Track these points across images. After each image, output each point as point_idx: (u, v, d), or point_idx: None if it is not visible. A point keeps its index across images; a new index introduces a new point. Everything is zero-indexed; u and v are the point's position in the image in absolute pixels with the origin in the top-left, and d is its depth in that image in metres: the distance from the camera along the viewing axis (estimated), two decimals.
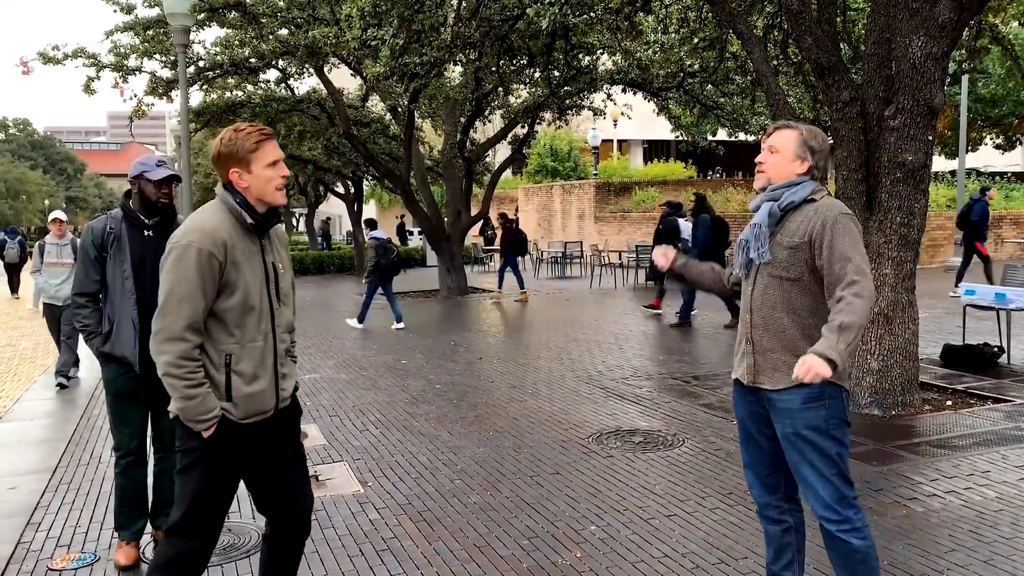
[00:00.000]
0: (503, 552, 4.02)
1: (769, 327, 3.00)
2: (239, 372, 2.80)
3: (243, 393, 2.80)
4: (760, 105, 14.06)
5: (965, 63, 9.93)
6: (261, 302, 2.84)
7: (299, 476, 3.08)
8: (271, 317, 2.89)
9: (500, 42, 12.51)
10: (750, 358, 3.05)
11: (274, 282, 2.92)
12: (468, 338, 10.97)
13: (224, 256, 2.75)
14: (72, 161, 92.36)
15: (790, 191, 3.00)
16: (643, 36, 12.64)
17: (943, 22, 5.93)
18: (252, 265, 2.83)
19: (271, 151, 2.85)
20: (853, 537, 2.90)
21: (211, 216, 2.81)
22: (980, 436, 5.76)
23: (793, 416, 2.92)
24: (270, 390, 2.88)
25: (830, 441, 2.90)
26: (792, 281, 2.96)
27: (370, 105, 20.30)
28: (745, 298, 3.10)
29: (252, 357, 2.82)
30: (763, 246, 2.99)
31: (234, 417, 2.80)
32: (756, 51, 7.20)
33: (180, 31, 11.25)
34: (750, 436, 3.14)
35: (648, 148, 44.15)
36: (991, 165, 32.36)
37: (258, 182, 2.83)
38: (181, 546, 2.82)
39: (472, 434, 6.12)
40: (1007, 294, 8.11)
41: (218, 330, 2.78)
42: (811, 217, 2.94)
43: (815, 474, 2.91)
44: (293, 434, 3.06)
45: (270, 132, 2.89)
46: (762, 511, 3.20)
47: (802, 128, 3.08)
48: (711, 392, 7.32)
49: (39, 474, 5.49)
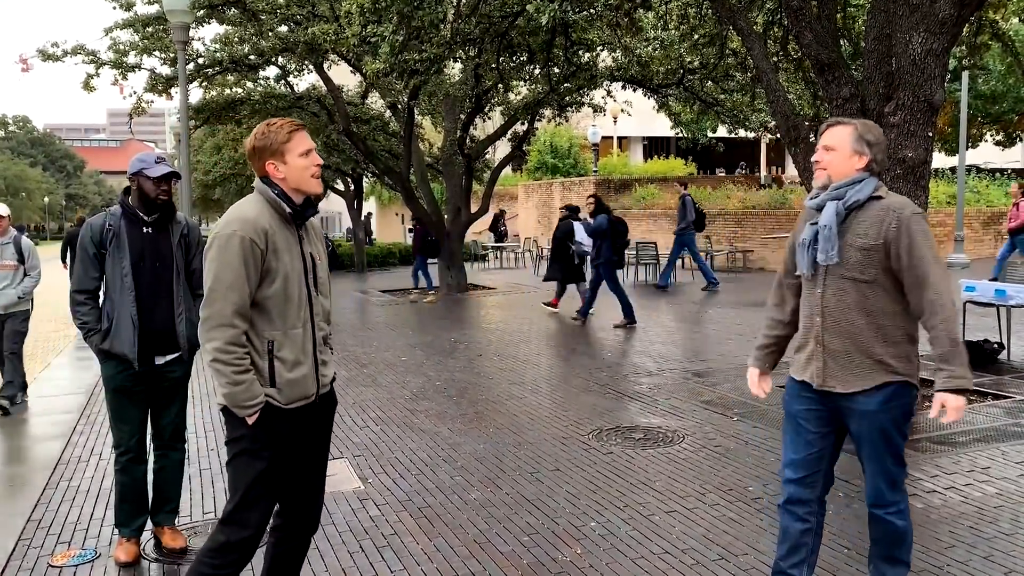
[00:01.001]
0: (503, 548, 4.02)
1: (843, 330, 2.97)
2: (281, 359, 2.86)
3: (286, 379, 2.86)
4: (760, 102, 14.03)
5: (965, 59, 9.91)
6: (300, 291, 2.91)
7: (322, 470, 3.14)
8: (309, 306, 2.95)
9: (500, 39, 12.50)
10: (819, 361, 3.03)
11: (312, 272, 2.98)
12: (468, 335, 10.97)
13: (265, 244, 2.81)
14: (72, 158, 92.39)
15: (854, 189, 2.97)
16: (643, 33, 12.62)
17: (943, 18, 5.92)
18: (291, 254, 2.90)
19: (303, 141, 2.92)
20: (898, 519, 3.04)
21: (251, 207, 2.88)
22: (980, 432, 5.76)
23: (871, 416, 2.97)
24: (311, 376, 2.95)
25: (900, 436, 3.02)
26: (867, 283, 2.93)
27: (370, 102, 20.27)
28: (812, 300, 3.06)
29: (294, 344, 2.88)
30: (832, 248, 2.95)
31: (279, 403, 2.86)
32: (756, 47, 7.19)
33: (179, 28, 11.25)
34: (800, 435, 3.12)
35: (648, 145, 44.17)
36: (991, 162, 32.32)
37: (294, 172, 2.90)
38: (232, 535, 2.86)
39: (472, 431, 6.13)
40: (1007, 290, 8.11)
41: (260, 318, 2.84)
42: (883, 217, 2.91)
43: (880, 466, 3.01)
44: (328, 424, 3.13)
45: (301, 124, 2.96)
46: (789, 507, 3.17)
47: (856, 123, 3.05)
48: (711, 389, 7.32)
49: (40, 471, 5.49)
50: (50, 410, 7.38)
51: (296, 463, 3.01)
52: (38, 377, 8.98)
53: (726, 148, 20.36)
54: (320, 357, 2.99)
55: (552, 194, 29.94)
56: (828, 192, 3.01)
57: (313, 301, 2.97)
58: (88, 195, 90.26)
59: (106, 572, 3.90)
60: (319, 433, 3.08)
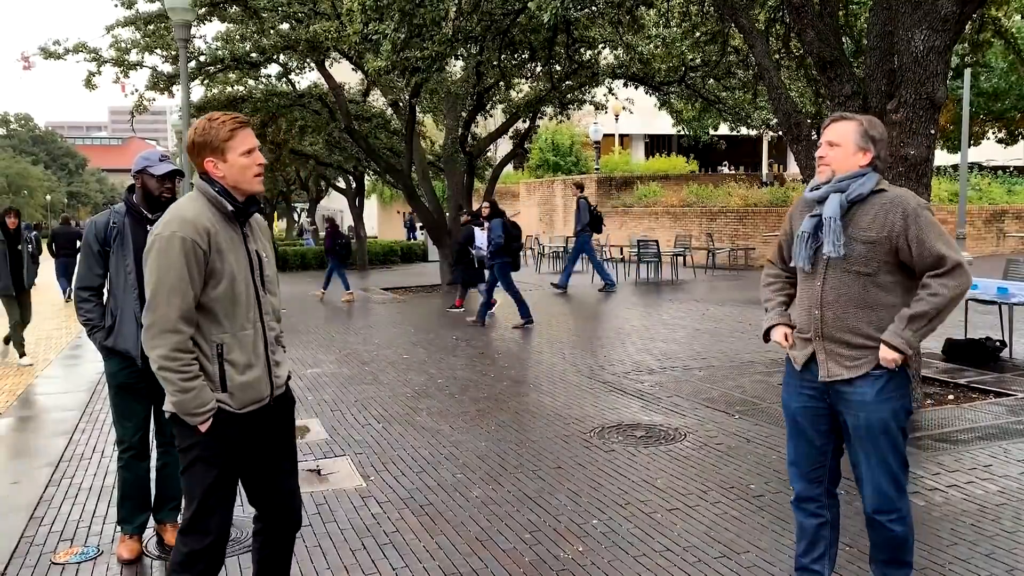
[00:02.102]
0: (505, 546, 4.02)
1: (843, 322, 2.95)
2: (232, 362, 2.78)
3: (238, 382, 2.78)
4: (762, 99, 14.03)
5: (968, 57, 9.90)
6: (248, 290, 2.83)
7: (291, 469, 3.07)
8: (258, 305, 2.87)
9: (501, 36, 12.50)
10: (821, 354, 3.00)
11: (259, 270, 2.90)
12: (470, 333, 10.97)
13: (208, 244, 2.72)
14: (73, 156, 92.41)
15: (857, 182, 2.95)
16: (645, 30, 12.62)
17: (945, 15, 5.91)
18: (236, 254, 2.82)
19: (246, 139, 2.81)
20: (899, 525, 2.98)
21: (191, 206, 2.78)
22: (982, 430, 5.76)
23: (867, 408, 2.93)
24: (264, 378, 2.87)
25: (898, 433, 2.96)
26: (868, 276, 2.91)
27: (371, 100, 20.27)
28: (811, 293, 3.03)
29: (244, 346, 2.80)
30: (839, 240, 2.91)
31: (232, 408, 2.78)
32: (758, 45, 7.19)
33: (181, 26, 11.24)
34: (801, 431, 3.12)
35: (650, 143, 44.14)
36: (993, 159, 32.29)
37: (234, 171, 2.81)
38: (195, 543, 2.81)
39: (474, 428, 6.13)
40: (1009, 288, 8.10)
41: (207, 321, 2.75)
42: (887, 210, 2.89)
43: (881, 467, 2.95)
44: (288, 424, 3.05)
45: (245, 120, 2.85)
46: (800, 504, 3.17)
47: (860, 119, 3.02)
48: (712, 386, 7.32)
49: (42, 469, 5.50)
50: (53, 407, 7.39)
51: (259, 466, 2.95)
52: (41, 374, 8.99)
53: (728, 146, 20.37)
54: (273, 357, 2.93)
55: (554, 192, 29.93)
56: (831, 185, 2.98)
57: (262, 300, 2.89)
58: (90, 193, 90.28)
59: (108, 569, 3.91)
60: (279, 434, 3.00)
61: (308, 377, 8.17)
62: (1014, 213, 22.39)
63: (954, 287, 2.82)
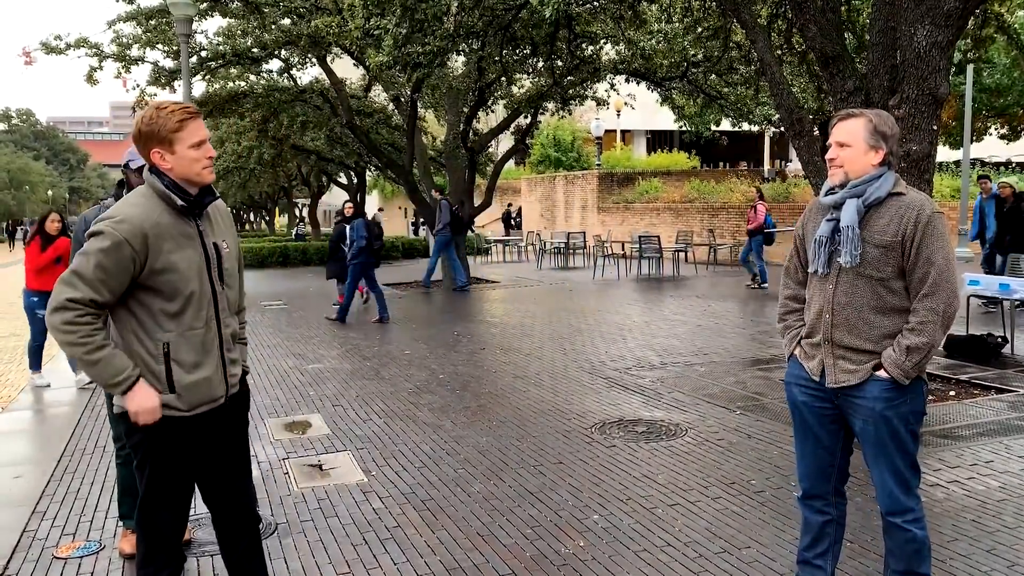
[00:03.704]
0: (506, 541, 4.03)
1: (854, 327, 2.90)
2: (179, 361, 2.67)
3: (185, 383, 2.67)
4: (764, 95, 14.00)
5: (970, 52, 9.89)
6: (202, 287, 2.71)
7: (245, 468, 2.99)
8: (214, 302, 2.76)
9: (503, 31, 12.47)
10: (829, 358, 2.95)
11: (216, 264, 2.77)
12: (471, 328, 10.97)
13: (143, 245, 2.58)
14: (75, 151, 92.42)
15: (873, 186, 2.86)
16: (646, 25, 12.60)
17: (948, 10, 5.90)
18: (187, 250, 2.68)
19: (197, 130, 2.68)
20: (915, 527, 2.91)
21: (137, 201, 2.67)
22: (983, 426, 5.76)
23: (875, 412, 2.87)
24: (216, 377, 2.76)
25: (909, 435, 2.90)
26: (881, 280, 2.85)
27: (373, 95, 20.27)
28: (823, 296, 2.96)
29: (192, 345, 2.69)
30: (856, 249, 2.84)
31: (181, 411, 2.68)
32: (760, 40, 7.17)
33: (182, 21, 11.24)
34: (809, 431, 3.07)
35: (651, 138, 44.10)
36: (995, 155, 32.25)
37: (183, 163, 2.67)
38: (151, 540, 2.77)
39: (475, 424, 6.13)
40: (1011, 284, 8.09)
41: (150, 319, 2.65)
42: (903, 214, 2.82)
43: (890, 468, 2.90)
44: (242, 422, 2.97)
45: (196, 111, 2.72)
46: (807, 501, 3.14)
47: (868, 115, 2.91)
48: (714, 382, 7.32)
49: (44, 463, 5.51)
50: (54, 402, 7.40)
51: (211, 466, 2.87)
52: (42, 370, 8.99)
53: (730, 142, 20.33)
54: (228, 355, 2.81)
55: (555, 188, 29.90)
56: (847, 190, 2.89)
57: (218, 296, 2.77)
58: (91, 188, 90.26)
59: (110, 564, 3.92)
60: (232, 433, 2.90)
61: (310, 372, 8.17)
62: None
63: (941, 311, 2.78)
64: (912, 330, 2.81)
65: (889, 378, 2.85)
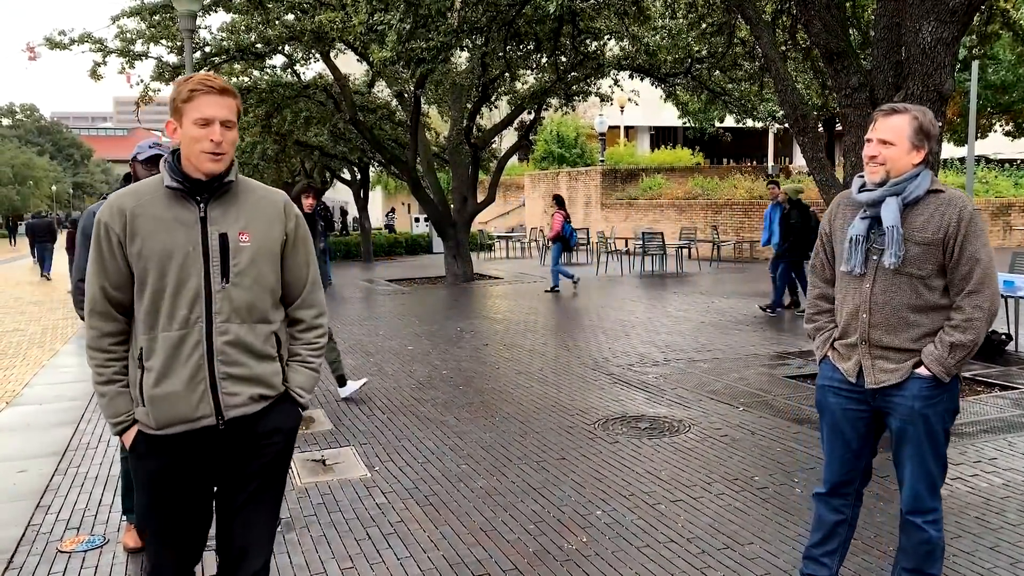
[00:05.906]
0: (509, 536, 4.03)
1: (893, 326, 2.85)
2: (148, 369, 2.30)
3: (148, 394, 2.30)
4: (768, 91, 13.99)
5: (975, 49, 9.85)
6: (183, 281, 2.29)
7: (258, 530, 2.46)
8: (207, 301, 2.31)
9: (507, 27, 12.46)
10: (867, 359, 2.90)
11: (218, 257, 2.33)
12: (474, 324, 10.98)
13: (123, 227, 2.29)
14: (79, 147, 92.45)
15: (913, 184, 2.81)
16: (651, 21, 12.58)
17: (953, 7, 5.88)
18: (173, 236, 2.30)
19: (204, 106, 2.29)
20: (932, 529, 2.90)
21: (139, 184, 2.43)
22: (987, 423, 5.75)
23: (914, 411, 2.85)
24: (191, 394, 2.30)
25: (942, 435, 2.89)
26: (921, 278, 2.81)
27: (376, 91, 20.24)
28: (859, 295, 2.90)
29: (164, 350, 2.29)
30: (901, 250, 2.78)
31: (150, 427, 2.33)
32: (765, 36, 7.16)
33: (186, 16, 11.23)
34: (840, 434, 3.03)
35: (655, 135, 44.09)
36: (1000, 152, 32.17)
37: (184, 141, 2.32)
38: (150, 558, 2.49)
39: (478, 419, 6.14)
40: (1015, 281, 8.08)
41: (139, 320, 2.34)
42: (943, 211, 2.77)
43: (922, 467, 2.88)
44: (258, 459, 2.42)
45: (216, 86, 2.32)
46: (826, 498, 3.12)
47: (913, 111, 2.81)
48: (717, 379, 7.32)
49: (48, 457, 5.52)
50: (58, 397, 7.42)
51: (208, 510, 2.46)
52: (46, 364, 9.03)
53: (734, 138, 20.29)
54: (224, 369, 2.32)
55: (559, 184, 29.89)
56: (887, 187, 2.82)
57: (213, 294, 2.31)
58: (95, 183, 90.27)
59: (114, 558, 3.93)
60: (238, 470, 2.41)
61: None
62: (1021, 206, 22.31)
63: (987, 308, 2.76)
64: (957, 327, 2.77)
65: (930, 375, 2.82)
